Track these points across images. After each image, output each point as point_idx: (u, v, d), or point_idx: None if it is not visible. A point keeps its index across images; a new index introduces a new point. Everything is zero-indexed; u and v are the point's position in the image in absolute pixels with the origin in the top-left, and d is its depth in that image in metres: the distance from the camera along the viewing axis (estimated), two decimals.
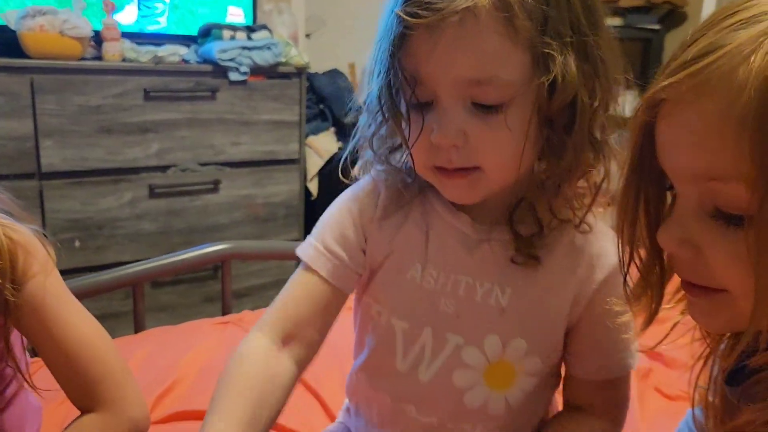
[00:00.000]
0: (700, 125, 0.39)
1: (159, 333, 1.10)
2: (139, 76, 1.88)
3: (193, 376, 0.92)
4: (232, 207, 2.13)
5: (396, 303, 0.64)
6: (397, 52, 0.54)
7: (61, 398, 0.85)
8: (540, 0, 0.52)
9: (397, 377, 0.65)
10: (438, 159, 0.57)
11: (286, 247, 1.33)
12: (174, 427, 0.81)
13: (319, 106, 2.39)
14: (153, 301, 2.00)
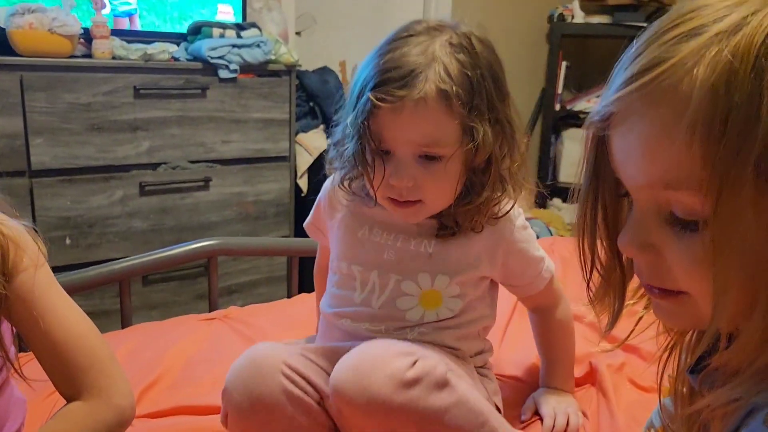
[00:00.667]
0: (651, 136, 0.40)
1: (145, 328, 1.11)
2: (129, 73, 1.89)
3: (178, 371, 0.94)
4: (223, 204, 2.14)
5: (352, 254, 0.91)
6: (367, 121, 0.77)
7: (48, 392, 0.86)
8: (467, 91, 0.78)
9: (355, 304, 0.90)
10: (392, 193, 0.82)
11: (272, 243, 1.35)
12: (162, 422, 0.82)
13: (309, 104, 2.39)
14: (144, 298, 2.01)
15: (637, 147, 0.42)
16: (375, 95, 0.76)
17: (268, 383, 0.78)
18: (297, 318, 1.17)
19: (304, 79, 2.39)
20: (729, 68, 0.36)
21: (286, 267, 2.27)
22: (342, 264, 0.92)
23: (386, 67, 0.77)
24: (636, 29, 2.12)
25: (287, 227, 2.29)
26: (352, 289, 0.91)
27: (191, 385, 0.90)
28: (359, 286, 0.90)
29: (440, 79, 0.76)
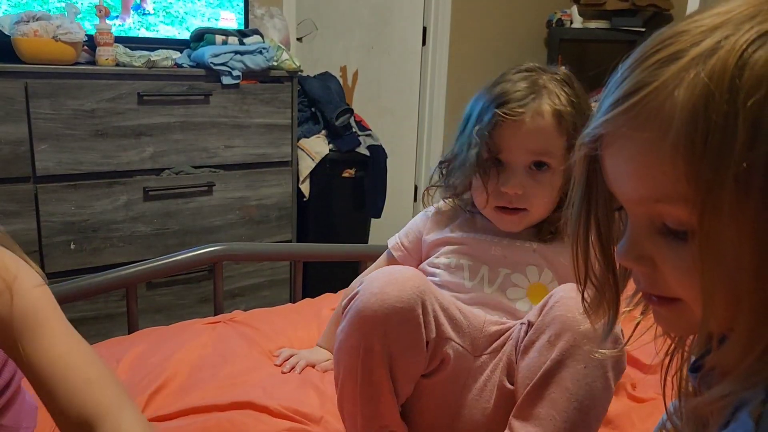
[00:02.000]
0: (638, 156, 0.43)
1: (151, 333, 1.12)
2: (133, 80, 1.91)
3: (185, 374, 0.95)
4: (226, 209, 2.16)
5: (460, 251, 1.03)
6: (491, 132, 0.93)
7: None
8: (572, 115, 0.93)
9: (467, 290, 0.99)
10: (501, 201, 0.96)
11: (276, 249, 1.36)
12: (171, 425, 0.84)
13: (310, 109, 2.41)
14: (149, 302, 2.03)
15: (626, 166, 0.44)
16: (501, 110, 0.93)
17: (408, 291, 0.82)
18: (302, 322, 1.19)
19: (305, 84, 2.41)
20: (706, 90, 0.39)
21: (289, 271, 2.31)
22: (449, 259, 1.02)
23: (504, 91, 0.95)
24: (634, 34, 2.17)
25: (290, 231, 2.31)
26: (461, 278, 1.01)
27: (198, 389, 0.92)
28: (468, 275, 1.00)
29: (552, 102, 0.94)
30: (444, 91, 3.23)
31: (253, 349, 1.05)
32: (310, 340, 1.11)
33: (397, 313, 0.81)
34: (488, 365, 0.92)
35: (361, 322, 0.81)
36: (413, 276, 0.85)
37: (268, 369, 1.00)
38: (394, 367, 0.83)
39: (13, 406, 0.72)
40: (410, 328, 0.82)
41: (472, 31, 3.24)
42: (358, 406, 0.85)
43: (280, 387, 0.94)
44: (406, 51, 3.17)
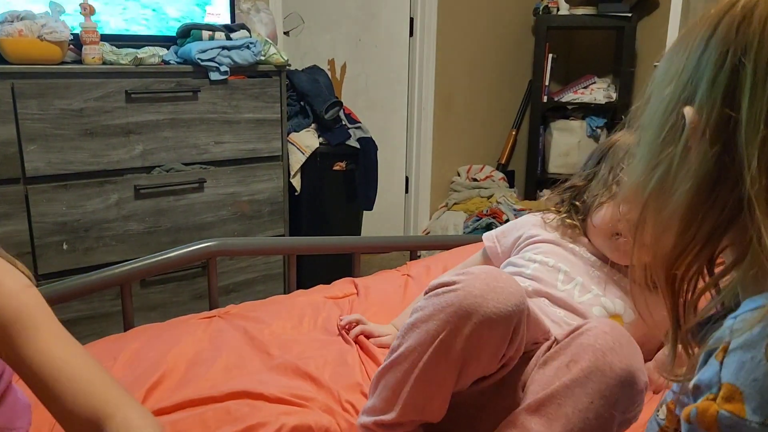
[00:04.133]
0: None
1: (147, 329, 1.13)
2: (120, 78, 1.90)
3: (182, 368, 0.96)
4: (218, 205, 2.16)
5: (560, 256, 1.11)
6: None
7: None
8: None
9: (559, 291, 1.05)
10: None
11: (270, 243, 1.37)
12: (169, 418, 0.84)
13: (299, 103, 2.41)
14: (143, 300, 2.03)
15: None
16: None
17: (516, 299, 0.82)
18: (295, 310, 1.20)
19: (294, 78, 2.41)
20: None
21: (283, 264, 2.31)
22: (548, 258, 1.10)
23: None
24: (621, 20, 2.19)
25: (282, 225, 2.31)
26: (555, 279, 1.08)
27: (195, 382, 0.93)
28: (563, 279, 1.08)
29: None
30: (432, 81, 3.23)
31: (248, 341, 1.06)
32: (302, 329, 1.12)
33: (491, 324, 0.79)
34: (522, 367, 0.91)
35: (453, 316, 0.80)
36: (517, 291, 0.82)
37: (263, 360, 1.01)
38: (463, 369, 0.82)
39: (4, 405, 0.72)
40: (497, 340, 0.81)
41: (459, 21, 3.25)
42: (406, 389, 0.83)
43: (275, 376, 0.95)
44: (393, 42, 3.17)
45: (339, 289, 1.29)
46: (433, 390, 0.83)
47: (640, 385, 0.80)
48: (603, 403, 0.78)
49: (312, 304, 1.21)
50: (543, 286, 1.07)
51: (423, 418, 0.86)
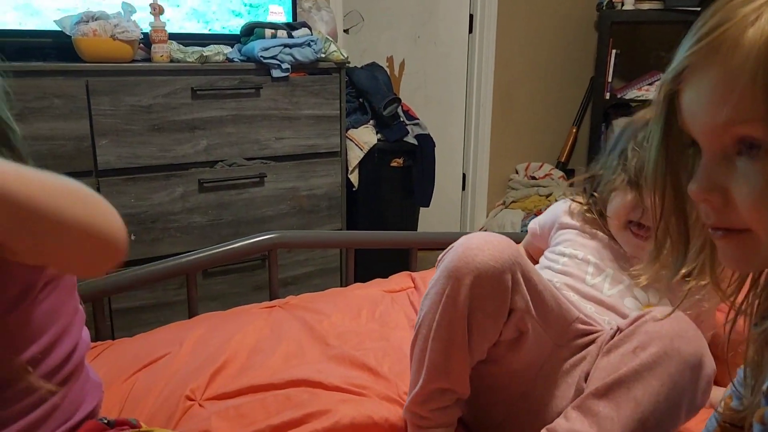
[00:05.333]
0: (719, 83, 0.48)
1: (210, 317, 1.17)
2: (187, 75, 1.96)
3: (244, 355, 0.99)
4: (278, 199, 2.20)
5: (590, 248, 1.08)
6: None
7: (126, 375, 0.93)
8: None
9: (587, 285, 1.03)
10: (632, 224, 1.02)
11: (329, 236, 1.39)
12: (231, 402, 0.87)
13: (358, 100, 2.44)
14: (205, 290, 2.09)
15: (707, 94, 0.50)
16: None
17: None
18: (354, 303, 1.21)
19: (353, 75, 2.43)
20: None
21: (339, 258, 2.34)
22: (576, 251, 1.09)
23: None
24: (689, 14, 2.10)
25: (339, 220, 2.34)
26: (584, 272, 1.06)
27: (256, 369, 0.96)
28: (592, 271, 1.06)
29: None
30: (491, 78, 3.20)
31: (307, 332, 1.08)
32: (360, 321, 1.13)
33: (489, 271, 0.82)
34: (568, 359, 0.91)
35: (452, 271, 0.83)
36: (511, 246, 0.86)
37: (322, 350, 1.02)
38: (472, 322, 0.84)
39: (76, 383, 0.74)
40: (498, 288, 0.83)
41: (520, 17, 3.20)
42: (427, 354, 0.85)
43: (333, 366, 0.97)
44: (452, 39, 3.16)
45: (396, 282, 1.30)
46: (450, 348, 0.84)
47: (708, 371, 0.78)
48: (672, 387, 0.77)
49: (370, 298, 1.22)
50: (572, 280, 1.05)
51: (450, 384, 0.87)
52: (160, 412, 0.84)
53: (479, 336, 0.84)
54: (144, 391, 0.89)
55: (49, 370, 0.68)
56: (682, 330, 0.80)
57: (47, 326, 0.67)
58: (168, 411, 0.85)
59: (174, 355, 0.99)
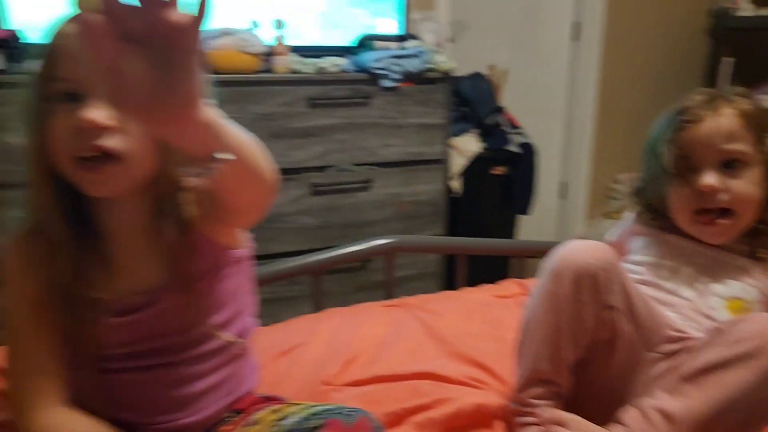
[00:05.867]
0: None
1: (337, 312, 1.28)
2: (304, 86, 2.10)
3: (372, 348, 1.09)
4: (383, 204, 2.30)
5: (663, 251, 1.07)
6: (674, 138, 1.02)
7: (265, 361, 1.04)
8: (757, 115, 0.99)
9: (665, 291, 1.02)
10: (699, 203, 0.99)
11: (444, 242, 1.47)
12: (364, 389, 0.97)
13: (462, 109, 2.49)
14: (311, 288, 2.21)
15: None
16: (681, 117, 1.02)
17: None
18: (467, 306, 1.28)
19: (458, 85, 2.49)
20: None
21: (440, 264, 2.41)
22: (651, 260, 1.07)
23: (683, 106, 1.04)
24: None
25: (440, 226, 2.41)
26: (661, 278, 1.04)
27: (383, 361, 1.05)
28: (667, 275, 1.04)
29: (735, 104, 0.99)
30: (595, 87, 3.16)
31: (426, 330, 1.16)
32: (473, 324, 1.20)
33: (587, 268, 0.88)
34: (660, 365, 0.93)
35: (554, 270, 0.90)
36: (607, 250, 0.92)
37: (441, 348, 1.10)
38: (573, 316, 0.89)
39: (244, 359, 0.85)
40: (595, 284, 0.88)
41: (627, 25, 3.15)
42: (531, 345, 0.92)
43: (453, 363, 1.04)
44: (555, 47, 3.15)
45: (505, 288, 1.36)
46: (553, 340, 0.90)
47: None
48: (766, 381, 0.78)
49: (481, 302, 1.28)
50: (649, 289, 1.04)
51: (552, 375, 0.91)
52: (301, 393, 0.94)
53: (579, 329, 0.90)
54: (285, 375, 1.00)
55: (224, 343, 0.79)
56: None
57: (227, 302, 0.79)
58: (308, 393, 0.95)
59: (309, 344, 1.10)
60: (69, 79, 0.66)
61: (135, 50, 0.45)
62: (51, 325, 0.71)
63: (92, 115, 0.64)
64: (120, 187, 0.69)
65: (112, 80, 0.46)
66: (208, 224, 0.74)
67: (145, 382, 0.76)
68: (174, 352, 0.76)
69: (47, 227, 0.70)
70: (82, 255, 0.71)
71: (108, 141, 0.65)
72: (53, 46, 0.67)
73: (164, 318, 0.75)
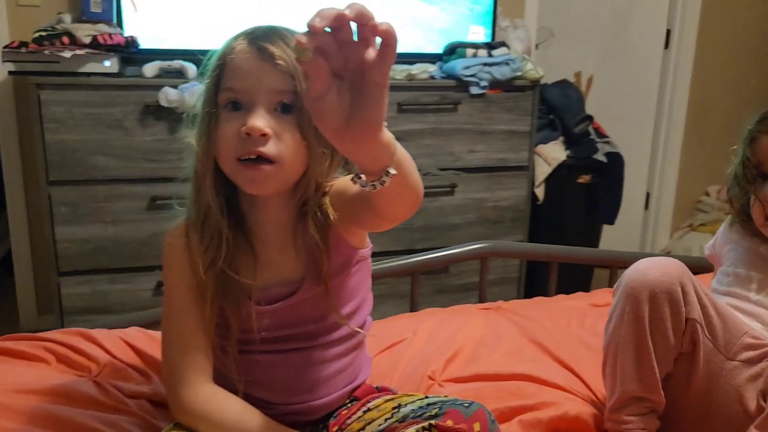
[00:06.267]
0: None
1: (434, 312, 1.33)
2: (395, 91, 2.15)
3: (470, 348, 1.13)
4: (465, 209, 2.34)
5: (751, 263, 1.08)
6: (750, 148, 1.06)
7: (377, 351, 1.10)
8: None
9: (752, 302, 1.04)
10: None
11: (536, 249, 1.50)
12: (467, 386, 1.02)
13: (549, 116, 2.50)
14: (394, 288, 2.28)
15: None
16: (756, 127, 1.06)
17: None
18: (562, 312, 1.30)
19: (545, 92, 2.50)
20: None
21: (518, 269, 2.42)
22: (739, 270, 1.09)
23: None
24: None
25: (522, 232, 2.42)
26: (747, 289, 1.06)
27: (483, 359, 1.09)
28: (755, 287, 1.06)
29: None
30: (686, 96, 3.09)
31: (523, 334, 1.19)
32: (570, 330, 1.22)
33: (661, 285, 0.90)
34: (742, 374, 0.93)
35: (629, 291, 0.92)
36: (678, 265, 0.93)
37: (539, 352, 1.13)
38: (654, 332, 0.91)
39: (361, 351, 0.92)
40: (672, 299, 0.90)
41: (721, 33, 3.05)
42: (618, 367, 0.93)
43: (555, 369, 1.07)
44: (646, 55, 3.10)
45: (600, 297, 1.37)
46: (640, 359, 0.92)
47: None
48: None
49: (576, 309, 1.30)
50: (736, 300, 1.05)
51: (645, 393, 0.92)
52: (406, 386, 0.99)
53: (663, 346, 0.92)
54: (390, 369, 1.06)
55: (348, 332, 0.86)
56: None
57: (353, 296, 0.86)
58: (413, 386, 1.00)
59: (410, 341, 1.15)
60: (236, 89, 0.74)
61: (337, 83, 0.54)
62: (203, 309, 0.80)
63: (257, 123, 0.72)
64: (273, 187, 0.77)
65: (319, 107, 0.54)
66: (345, 226, 0.80)
67: (281, 364, 0.83)
68: (308, 338, 0.84)
69: (209, 220, 0.78)
70: (235, 248, 0.79)
71: (268, 147, 0.73)
72: (223, 60, 0.75)
73: (302, 308, 0.82)
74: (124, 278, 2.05)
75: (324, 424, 0.87)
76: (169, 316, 0.82)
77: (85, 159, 1.94)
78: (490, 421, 0.75)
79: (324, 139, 0.62)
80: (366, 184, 0.64)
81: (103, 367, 1.01)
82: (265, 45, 0.74)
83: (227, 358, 0.81)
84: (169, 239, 0.83)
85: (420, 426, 0.72)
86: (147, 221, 2.01)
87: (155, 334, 1.13)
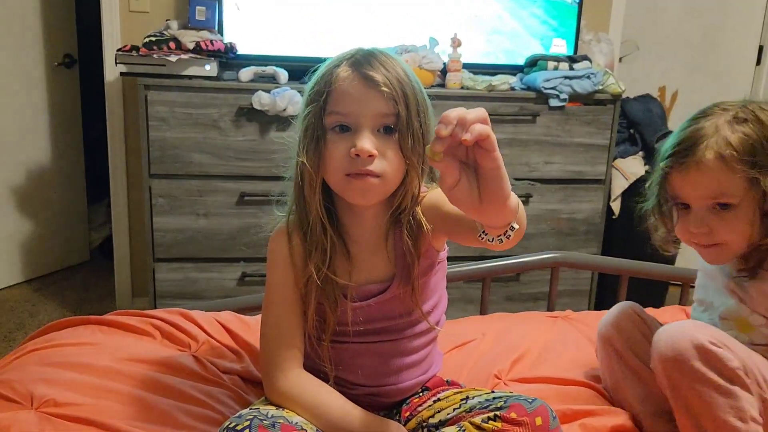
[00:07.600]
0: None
1: (503, 317, 1.38)
2: (475, 101, 2.22)
3: (536, 351, 1.18)
4: (539, 219, 2.36)
5: (705, 287, 1.11)
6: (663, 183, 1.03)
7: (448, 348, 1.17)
8: (748, 152, 0.93)
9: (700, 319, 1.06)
10: (694, 238, 0.99)
11: (607, 262, 1.51)
12: (531, 386, 1.07)
13: (629, 131, 2.48)
14: (462, 293, 2.33)
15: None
16: (664, 164, 1.01)
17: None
18: None
19: (626, 106, 2.49)
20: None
21: (590, 282, 2.42)
22: (698, 294, 1.13)
23: (678, 141, 1.00)
24: None
25: (595, 246, 2.42)
26: (698, 309, 1.10)
27: (548, 363, 1.14)
28: (704, 308, 1.09)
29: (719, 147, 0.94)
30: None
31: (590, 344, 1.22)
32: None
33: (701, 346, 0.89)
34: None
35: (675, 357, 0.90)
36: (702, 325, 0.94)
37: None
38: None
39: (435, 345, 1.00)
40: (715, 357, 0.89)
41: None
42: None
43: None
44: (736, 71, 3.01)
45: (670, 315, 1.38)
46: (700, 415, 0.90)
47: None
48: None
49: None
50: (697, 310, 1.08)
51: None
52: (473, 382, 1.05)
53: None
54: (459, 365, 1.13)
55: (427, 327, 0.95)
56: None
57: (432, 294, 0.95)
58: (480, 383, 1.06)
59: (479, 342, 1.22)
60: (344, 113, 0.83)
61: (465, 170, 0.66)
62: (300, 304, 0.90)
63: (366, 146, 0.81)
64: (375, 198, 0.86)
65: (455, 194, 0.66)
66: (435, 235, 0.88)
67: (369, 353, 0.93)
68: (394, 331, 0.93)
69: (314, 230, 0.88)
70: (333, 251, 0.89)
71: (374, 165, 0.81)
72: (331, 86, 0.84)
73: (391, 304, 0.91)
74: (211, 267, 2.20)
75: (397, 410, 0.95)
76: (269, 306, 0.92)
77: (183, 155, 2.11)
78: (551, 417, 0.80)
79: (420, 156, 0.75)
80: (493, 239, 0.75)
81: (201, 344, 1.13)
82: (369, 72, 0.82)
83: (321, 349, 0.91)
84: (274, 240, 0.93)
85: (486, 416, 0.79)
86: (235, 216, 2.16)
87: (247, 319, 1.24)
